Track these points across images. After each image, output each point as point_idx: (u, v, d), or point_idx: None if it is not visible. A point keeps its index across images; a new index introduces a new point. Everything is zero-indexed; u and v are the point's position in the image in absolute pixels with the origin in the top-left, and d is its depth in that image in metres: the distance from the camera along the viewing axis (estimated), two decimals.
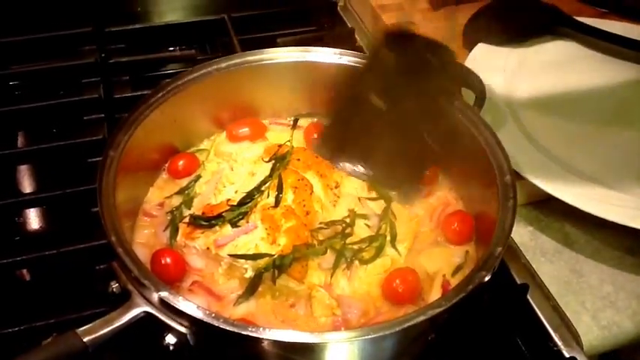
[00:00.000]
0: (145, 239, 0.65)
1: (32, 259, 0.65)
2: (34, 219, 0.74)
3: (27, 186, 0.79)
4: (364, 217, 0.67)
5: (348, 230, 0.65)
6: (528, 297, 0.65)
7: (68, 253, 0.65)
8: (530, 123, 0.78)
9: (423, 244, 0.66)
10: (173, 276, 0.60)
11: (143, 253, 0.62)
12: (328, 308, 0.59)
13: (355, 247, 0.64)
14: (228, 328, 0.48)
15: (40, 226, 0.74)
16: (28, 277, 0.68)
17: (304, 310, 0.60)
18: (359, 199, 0.69)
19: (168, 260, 0.61)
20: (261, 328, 0.48)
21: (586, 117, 0.82)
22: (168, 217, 0.67)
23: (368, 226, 0.66)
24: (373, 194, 0.70)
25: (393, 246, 0.65)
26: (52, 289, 0.66)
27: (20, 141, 0.84)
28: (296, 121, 0.78)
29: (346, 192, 0.69)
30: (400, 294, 0.60)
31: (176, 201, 0.68)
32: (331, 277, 0.62)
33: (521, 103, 0.81)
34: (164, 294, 0.49)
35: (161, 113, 0.67)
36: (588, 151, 0.76)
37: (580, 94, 0.85)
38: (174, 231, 0.65)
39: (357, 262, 0.63)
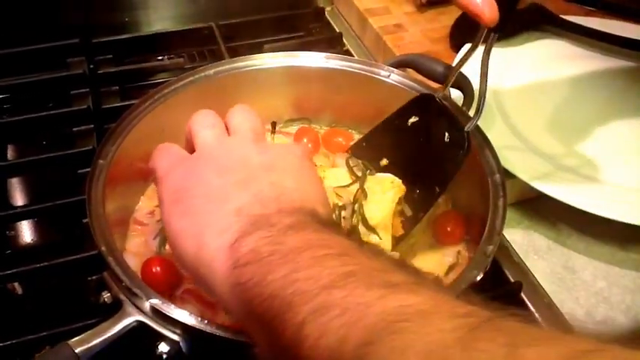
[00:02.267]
0: (135, 248, 0.65)
1: (23, 272, 0.65)
2: (25, 232, 0.74)
3: (17, 199, 0.78)
4: (342, 208, 0.64)
5: None
6: (522, 295, 0.65)
7: (59, 265, 0.64)
8: (519, 121, 0.79)
9: (415, 247, 0.66)
10: (164, 284, 0.60)
11: (134, 262, 0.61)
12: None
13: None
14: (221, 335, 0.47)
15: (32, 239, 0.74)
16: (19, 291, 0.67)
17: None
18: (334, 191, 0.66)
19: (159, 269, 0.60)
20: None
21: (575, 113, 0.82)
22: (159, 226, 0.66)
23: (344, 218, 0.64)
24: (350, 180, 0.66)
25: (366, 228, 0.61)
26: (44, 301, 0.66)
27: (10, 154, 0.84)
28: (274, 124, 0.77)
29: (329, 185, 0.67)
30: None
31: None
32: None
33: (510, 102, 0.82)
34: (155, 302, 0.49)
35: (149, 122, 0.67)
36: (578, 147, 0.77)
37: (568, 91, 0.86)
38: (164, 238, 0.64)
39: None
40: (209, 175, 0.47)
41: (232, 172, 0.47)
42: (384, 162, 0.69)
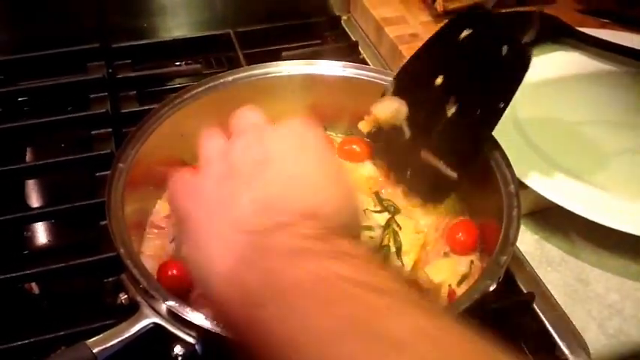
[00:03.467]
0: (152, 251, 0.65)
1: (40, 272, 0.66)
2: (42, 233, 0.75)
3: (35, 200, 0.80)
4: (368, 228, 0.67)
5: None
6: (534, 306, 0.65)
7: (77, 266, 0.65)
8: (534, 132, 0.79)
9: (429, 255, 0.66)
10: (180, 287, 0.60)
11: (151, 265, 0.62)
12: None
13: None
14: None
15: (49, 240, 0.75)
16: (36, 291, 0.68)
17: None
18: (364, 211, 0.69)
19: (175, 272, 0.61)
20: None
21: (590, 126, 0.82)
22: (176, 229, 0.67)
23: (371, 237, 0.67)
24: (378, 207, 0.70)
25: (399, 257, 0.65)
26: (61, 302, 0.67)
27: (29, 156, 0.85)
28: None
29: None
30: None
31: None
32: None
33: (524, 113, 0.82)
34: (172, 304, 0.50)
35: (168, 127, 0.68)
36: (593, 159, 0.77)
37: (583, 102, 0.86)
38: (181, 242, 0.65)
39: None
40: (208, 188, 0.46)
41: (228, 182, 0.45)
42: (439, 80, 0.66)
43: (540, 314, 0.65)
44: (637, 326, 0.65)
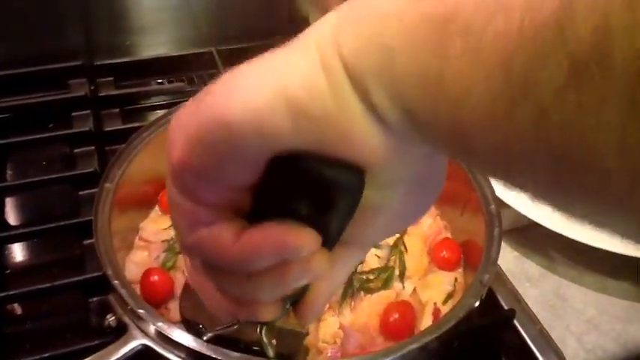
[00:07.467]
0: (138, 259, 0.66)
1: (23, 293, 0.65)
2: (24, 252, 0.74)
3: (17, 219, 0.79)
4: (376, 246, 0.67)
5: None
6: (515, 322, 0.67)
7: (61, 286, 0.65)
8: None
9: (411, 271, 0.67)
10: (161, 294, 0.61)
11: (135, 272, 0.62)
12: (333, 336, 0.60)
13: (364, 276, 0.65)
14: (225, 359, 0.48)
15: (31, 259, 0.74)
16: (19, 312, 0.67)
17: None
18: None
19: (156, 278, 0.62)
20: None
21: None
22: (164, 246, 0.67)
23: (378, 256, 0.67)
24: None
25: (401, 280, 0.66)
26: (45, 323, 0.66)
27: (9, 174, 0.85)
28: None
29: None
30: (398, 330, 0.61)
31: (173, 231, 0.69)
32: (340, 306, 0.62)
33: None
34: (161, 325, 0.50)
35: (154, 147, 0.68)
36: None
37: None
38: (172, 255, 0.66)
39: (362, 293, 0.64)
40: None
41: None
42: None
43: (521, 329, 0.66)
44: (614, 340, 0.67)
